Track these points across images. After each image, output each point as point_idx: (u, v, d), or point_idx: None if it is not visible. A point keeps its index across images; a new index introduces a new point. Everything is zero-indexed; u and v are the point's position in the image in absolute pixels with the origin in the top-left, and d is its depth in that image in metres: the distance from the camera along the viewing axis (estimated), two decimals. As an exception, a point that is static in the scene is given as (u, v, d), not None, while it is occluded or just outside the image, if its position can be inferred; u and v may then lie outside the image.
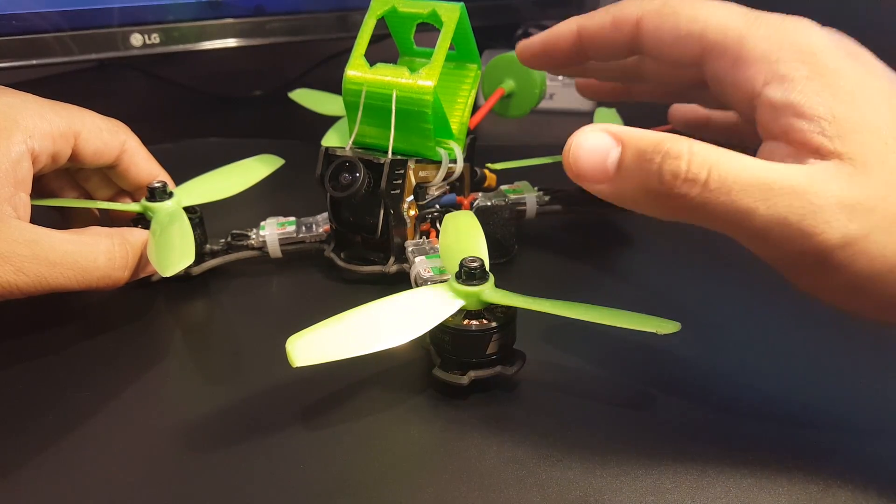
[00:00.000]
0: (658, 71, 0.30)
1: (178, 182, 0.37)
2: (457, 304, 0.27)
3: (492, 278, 0.27)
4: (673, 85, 0.31)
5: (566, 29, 0.30)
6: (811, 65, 0.22)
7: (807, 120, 0.21)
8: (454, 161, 0.35)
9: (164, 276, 0.30)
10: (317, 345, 0.25)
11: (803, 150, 0.21)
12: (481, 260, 0.27)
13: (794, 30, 0.23)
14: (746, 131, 0.27)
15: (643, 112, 0.38)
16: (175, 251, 0.31)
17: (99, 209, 0.37)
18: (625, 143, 0.22)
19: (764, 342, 0.31)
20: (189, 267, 0.33)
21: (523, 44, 0.32)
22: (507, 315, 0.27)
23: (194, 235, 0.32)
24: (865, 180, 0.20)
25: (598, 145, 0.22)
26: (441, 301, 0.27)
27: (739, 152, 0.21)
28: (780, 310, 0.33)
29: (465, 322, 0.27)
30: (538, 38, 0.31)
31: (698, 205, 0.21)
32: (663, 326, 0.25)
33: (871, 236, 0.20)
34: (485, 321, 0.27)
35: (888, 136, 0.21)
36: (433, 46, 0.33)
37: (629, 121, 0.30)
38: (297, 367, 0.24)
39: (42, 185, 0.35)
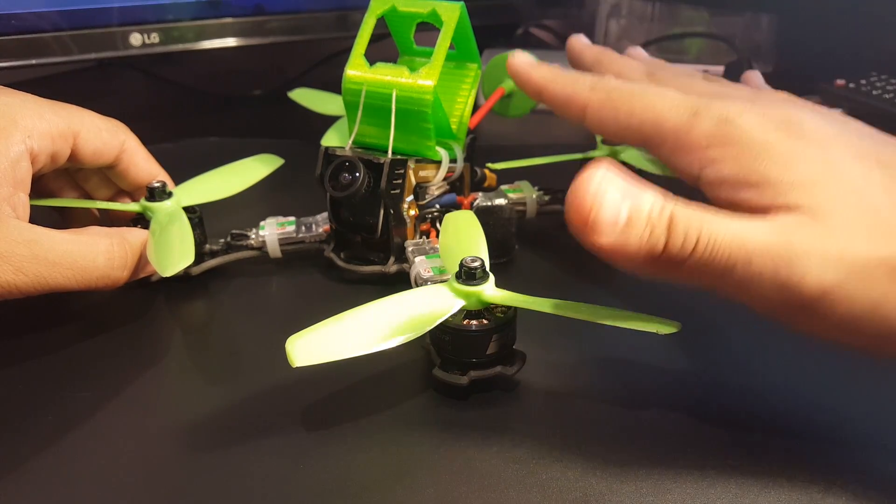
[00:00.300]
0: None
1: (177, 182, 0.37)
2: (457, 304, 0.27)
3: (492, 278, 0.27)
4: None
5: (535, 75, 0.31)
6: (738, 145, 0.24)
7: (744, 188, 0.23)
8: (454, 161, 0.35)
9: (164, 276, 0.30)
10: (316, 345, 0.25)
11: (769, 212, 0.22)
12: (482, 260, 0.27)
13: (726, 117, 0.24)
14: None
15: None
16: (174, 251, 0.31)
17: (98, 209, 0.37)
18: (632, 205, 0.23)
19: (764, 343, 0.31)
20: (188, 267, 0.33)
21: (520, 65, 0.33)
22: (508, 315, 0.27)
23: (194, 235, 0.32)
24: (826, 229, 0.22)
25: (615, 202, 0.23)
26: (441, 301, 0.27)
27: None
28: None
29: (466, 322, 0.27)
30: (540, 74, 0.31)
31: (688, 268, 0.23)
32: (663, 327, 0.25)
33: (846, 282, 0.21)
34: (485, 321, 0.27)
35: (833, 186, 0.22)
36: (433, 46, 0.33)
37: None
38: (296, 368, 0.24)
39: (41, 185, 0.35)
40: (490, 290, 0.27)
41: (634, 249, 0.22)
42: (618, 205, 0.22)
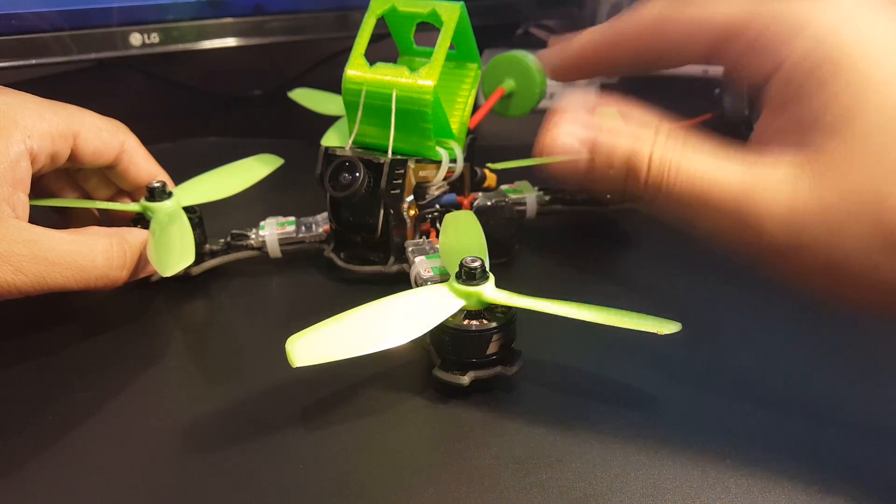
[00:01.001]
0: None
1: (177, 182, 0.37)
2: (457, 304, 0.27)
3: (492, 278, 0.27)
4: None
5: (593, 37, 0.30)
6: (823, 45, 0.21)
7: (808, 107, 0.21)
8: (454, 161, 0.35)
9: (164, 276, 0.30)
10: (316, 345, 0.25)
11: (792, 132, 0.22)
12: (482, 260, 0.27)
13: (802, 10, 0.22)
14: None
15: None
16: (175, 251, 0.31)
17: (98, 209, 0.37)
18: (596, 145, 0.23)
19: (764, 342, 0.31)
20: (188, 267, 0.33)
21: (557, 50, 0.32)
22: (508, 315, 0.27)
23: (194, 235, 0.32)
24: (818, 188, 0.21)
25: (569, 148, 0.23)
26: (441, 301, 0.27)
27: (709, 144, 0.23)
28: (781, 310, 0.33)
29: (466, 322, 0.27)
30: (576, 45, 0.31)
31: (656, 208, 0.23)
32: (664, 326, 0.25)
33: (812, 240, 0.21)
34: (485, 321, 0.27)
35: (878, 137, 0.20)
36: (433, 46, 0.33)
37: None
38: (296, 368, 0.24)
39: (41, 185, 0.35)
40: (490, 291, 0.27)
41: (601, 184, 0.23)
42: (575, 151, 0.23)
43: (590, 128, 0.24)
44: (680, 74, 0.50)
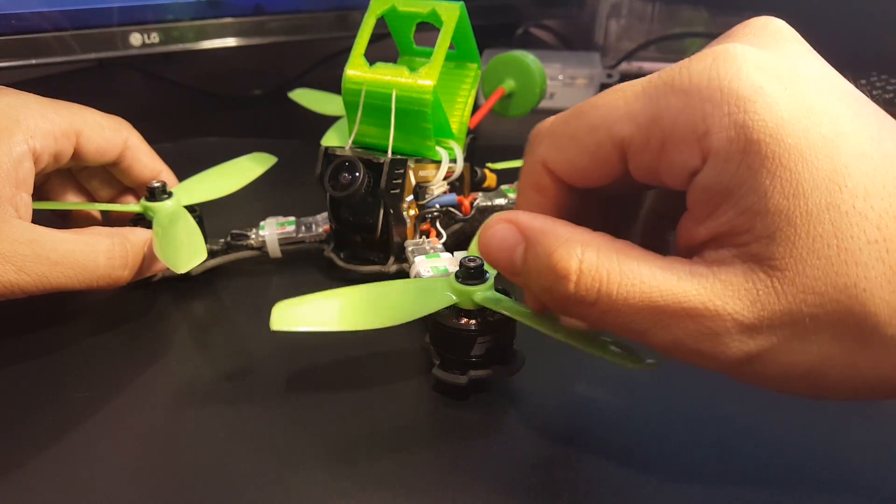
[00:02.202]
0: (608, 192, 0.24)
1: (177, 180, 0.37)
2: (448, 299, 0.27)
3: (491, 281, 0.27)
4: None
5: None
6: (744, 127, 0.18)
7: (736, 213, 0.19)
8: (454, 161, 0.35)
9: (178, 272, 0.30)
10: (299, 314, 0.26)
11: (725, 242, 0.19)
12: (481, 261, 0.27)
13: (711, 82, 0.19)
14: None
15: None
16: (184, 249, 0.31)
17: (100, 210, 0.37)
18: (527, 241, 0.21)
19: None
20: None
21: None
22: (497, 319, 0.27)
23: (195, 234, 0.32)
24: (778, 293, 0.18)
25: (506, 240, 0.21)
26: (435, 294, 0.27)
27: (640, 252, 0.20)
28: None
29: (454, 319, 0.27)
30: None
31: (595, 320, 0.20)
32: (633, 362, 0.23)
33: (778, 349, 0.19)
34: (472, 322, 0.27)
35: (826, 222, 0.18)
36: (433, 46, 0.33)
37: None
38: (273, 331, 0.25)
39: (44, 185, 0.35)
40: (482, 293, 0.26)
41: (537, 287, 0.21)
42: (512, 242, 0.21)
43: (525, 222, 0.21)
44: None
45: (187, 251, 0.31)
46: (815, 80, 0.19)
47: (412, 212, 0.35)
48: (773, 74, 0.19)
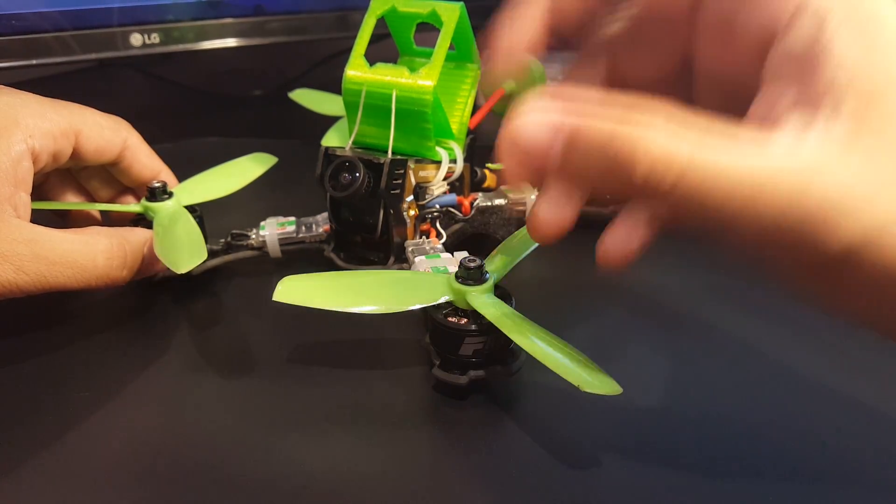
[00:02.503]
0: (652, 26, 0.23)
1: (177, 181, 0.37)
2: (443, 295, 0.27)
3: (488, 284, 0.27)
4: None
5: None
6: (848, 1, 0.17)
7: (832, 69, 0.17)
8: (454, 161, 0.35)
9: (178, 273, 0.30)
10: (302, 290, 0.27)
11: (818, 103, 0.17)
12: (481, 263, 0.27)
13: None
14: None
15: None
16: (184, 249, 0.31)
17: (99, 210, 0.37)
18: (572, 133, 0.18)
19: (764, 344, 0.31)
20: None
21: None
22: (485, 322, 0.27)
23: (196, 233, 0.32)
24: (884, 154, 0.16)
25: (538, 135, 0.18)
26: (433, 289, 0.27)
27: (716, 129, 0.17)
28: (784, 316, 0.33)
29: (447, 317, 0.27)
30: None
31: (669, 206, 0.18)
32: (596, 384, 0.23)
33: (886, 235, 0.16)
34: (462, 321, 0.27)
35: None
36: (433, 46, 0.33)
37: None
38: (273, 301, 0.26)
39: (43, 184, 0.35)
40: (476, 294, 0.26)
41: (582, 181, 0.18)
42: (544, 141, 0.18)
43: (568, 113, 0.18)
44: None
45: (188, 251, 0.31)
46: None
47: (412, 212, 0.35)
48: None
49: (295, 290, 0.27)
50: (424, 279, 0.28)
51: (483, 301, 0.26)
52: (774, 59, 0.18)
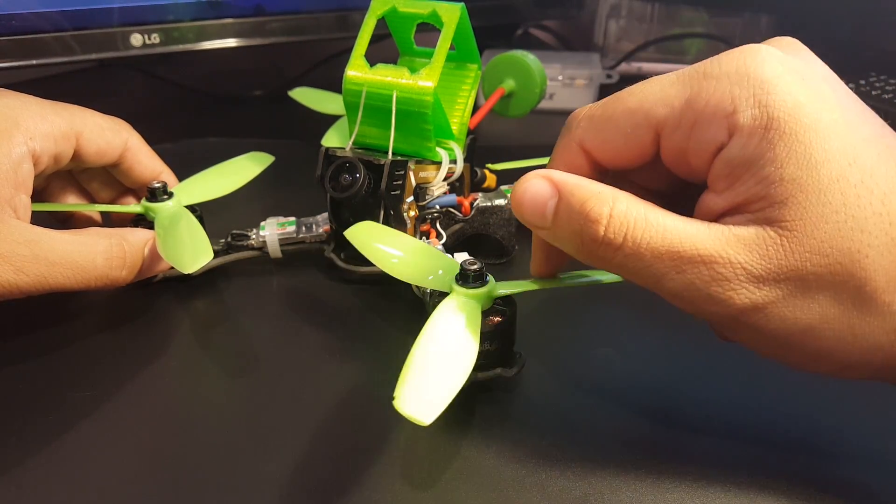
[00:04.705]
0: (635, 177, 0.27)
1: (177, 181, 0.37)
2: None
3: (483, 292, 0.26)
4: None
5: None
6: (767, 106, 0.20)
7: (755, 182, 0.21)
8: (454, 161, 0.35)
9: (185, 273, 0.30)
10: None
11: (742, 210, 0.21)
12: (481, 265, 0.27)
13: (739, 69, 0.21)
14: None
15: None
16: (189, 248, 0.31)
17: (100, 211, 0.37)
18: (560, 194, 0.23)
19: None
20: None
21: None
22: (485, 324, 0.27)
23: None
24: (786, 250, 0.20)
25: (539, 194, 0.23)
26: (443, 278, 0.27)
27: (664, 208, 0.22)
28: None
29: None
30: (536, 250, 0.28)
31: (616, 264, 0.22)
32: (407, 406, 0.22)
33: (781, 302, 0.20)
34: None
35: (835, 192, 0.20)
36: (433, 46, 0.33)
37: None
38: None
39: (45, 187, 0.35)
40: (472, 296, 0.26)
41: (564, 236, 0.23)
42: (545, 196, 0.23)
43: (560, 179, 0.23)
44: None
45: (193, 251, 0.31)
46: (826, 79, 0.22)
47: (412, 212, 0.35)
48: (792, 69, 0.21)
49: (363, 234, 0.29)
50: (445, 264, 0.28)
51: (441, 305, 0.26)
52: (716, 166, 0.22)
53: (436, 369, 0.23)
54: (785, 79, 0.21)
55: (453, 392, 0.23)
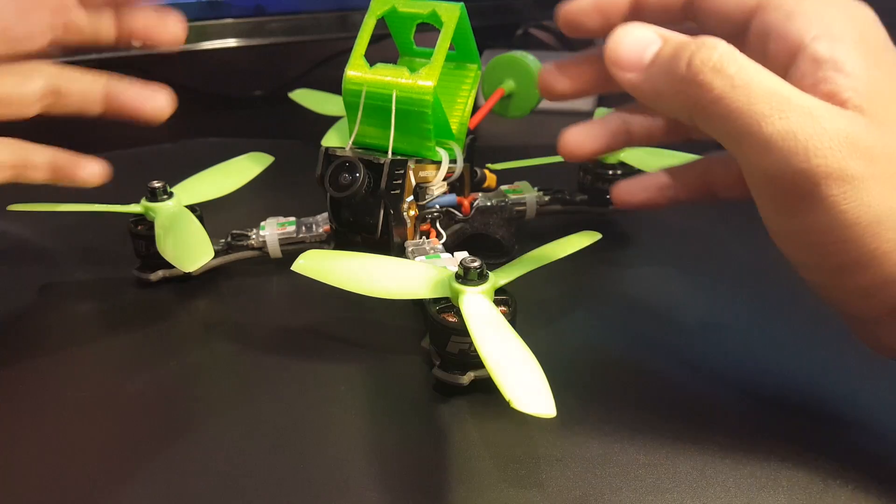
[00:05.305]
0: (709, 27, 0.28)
1: (177, 181, 0.37)
2: (442, 291, 0.27)
3: (487, 287, 0.27)
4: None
5: None
6: (860, 31, 0.22)
7: (844, 75, 0.21)
8: (454, 161, 0.35)
9: (186, 271, 0.30)
10: (321, 265, 0.28)
11: (831, 100, 0.22)
12: (482, 263, 0.27)
13: (847, 2, 0.23)
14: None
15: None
16: (190, 247, 0.31)
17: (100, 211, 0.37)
18: (666, 39, 0.23)
19: (763, 342, 0.31)
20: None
21: (569, 4, 0.29)
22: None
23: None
24: (877, 134, 0.21)
25: (642, 38, 0.23)
26: (437, 283, 0.27)
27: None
28: (781, 309, 0.33)
29: (442, 314, 0.27)
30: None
31: (717, 98, 0.22)
32: (535, 405, 0.22)
33: (865, 181, 0.21)
34: (453, 319, 0.27)
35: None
36: (433, 46, 0.33)
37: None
38: (293, 269, 0.28)
39: None
40: (470, 296, 0.26)
41: (661, 74, 0.23)
42: (648, 39, 0.23)
43: (664, 30, 0.24)
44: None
45: (193, 250, 0.31)
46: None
47: (412, 212, 0.35)
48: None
49: (314, 266, 0.28)
50: (432, 273, 0.28)
51: (468, 302, 0.26)
52: (802, 66, 0.22)
53: (520, 364, 0.24)
54: (881, 27, 0.23)
55: (544, 376, 0.23)
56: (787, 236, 0.23)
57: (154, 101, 0.32)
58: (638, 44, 0.23)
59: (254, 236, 0.36)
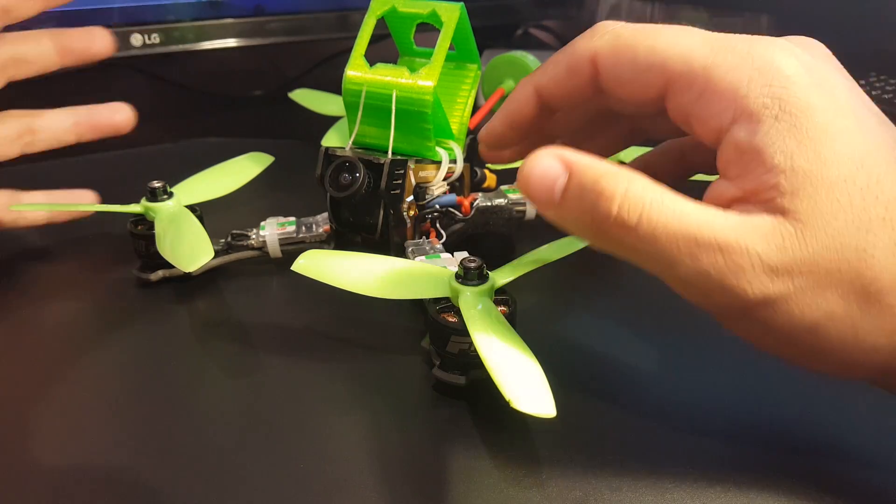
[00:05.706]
0: (623, 108, 0.27)
1: (176, 181, 0.37)
2: (443, 292, 0.27)
3: (487, 287, 0.27)
4: (638, 121, 0.29)
5: (523, 94, 0.28)
6: (781, 100, 0.21)
7: (765, 169, 0.21)
8: (454, 161, 0.35)
9: (186, 271, 0.30)
10: (322, 266, 0.28)
11: (752, 199, 0.21)
12: (482, 263, 0.27)
13: (764, 56, 0.22)
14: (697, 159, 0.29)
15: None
16: (190, 247, 0.31)
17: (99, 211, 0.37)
18: (572, 172, 0.22)
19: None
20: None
21: (486, 132, 0.30)
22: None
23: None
24: (801, 242, 0.20)
25: (549, 171, 0.22)
26: (436, 283, 0.27)
27: (681, 194, 0.21)
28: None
29: (442, 315, 0.27)
30: (499, 119, 0.29)
31: (627, 246, 0.21)
32: (535, 405, 0.22)
33: (793, 297, 0.20)
34: (453, 319, 0.27)
35: (843, 192, 0.20)
36: (433, 46, 0.33)
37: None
38: (293, 269, 0.28)
39: None
40: (470, 297, 0.27)
41: (572, 216, 0.22)
42: (554, 173, 0.22)
43: (572, 157, 0.22)
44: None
45: (193, 250, 0.31)
46: (845, 87, 0.22)
47: (412, 212, 0.35)
48: (812, 70, 0.22)
49: (314, 266, 0.28)
50: (432, 273, 0.28)
51: (469, 302, 0.26)
52: (724, 153, 0.22)
53: (520, 364, 0.24)
54: (804, 79, 0.21)
55: (544, 376, 0.23)
56: (741, 336, 0.23)
57: (121, 112, 0.35)
58: (546, 178, 0.22)
59: (254, 236, 0.36)
